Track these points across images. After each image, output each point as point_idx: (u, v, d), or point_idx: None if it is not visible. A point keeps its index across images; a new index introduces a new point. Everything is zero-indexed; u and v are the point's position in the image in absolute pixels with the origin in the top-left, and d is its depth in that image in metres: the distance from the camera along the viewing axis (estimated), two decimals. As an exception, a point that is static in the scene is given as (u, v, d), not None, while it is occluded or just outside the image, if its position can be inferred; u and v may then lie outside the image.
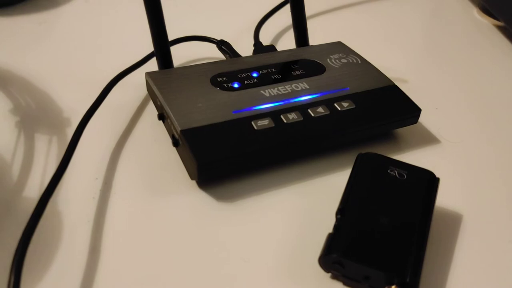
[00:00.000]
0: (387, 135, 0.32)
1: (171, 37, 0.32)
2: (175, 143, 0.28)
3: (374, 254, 0.21)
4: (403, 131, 0.32)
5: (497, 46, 0.45)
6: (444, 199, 0.27)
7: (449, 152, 0.31)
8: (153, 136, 0.30)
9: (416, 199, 0.23)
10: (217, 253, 0.24)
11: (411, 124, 0.31)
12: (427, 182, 0.24)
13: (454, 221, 0.26)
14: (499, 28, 0.48)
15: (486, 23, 0.49)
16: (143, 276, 0.22)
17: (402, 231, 0.22)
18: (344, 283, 0.23)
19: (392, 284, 0.20)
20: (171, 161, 0.29)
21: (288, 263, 0.23)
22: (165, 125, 0.30)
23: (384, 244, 0.21)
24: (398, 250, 0.21)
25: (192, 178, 0.27)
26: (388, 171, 0.25)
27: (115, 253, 0.23)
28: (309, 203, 0.27)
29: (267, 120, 0.28)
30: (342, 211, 0.23)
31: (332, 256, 0.21)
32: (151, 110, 0.33)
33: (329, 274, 0.23)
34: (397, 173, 0.25)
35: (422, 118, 0.33)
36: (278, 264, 0.23)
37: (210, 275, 0.23)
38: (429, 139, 0.32)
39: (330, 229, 0.23)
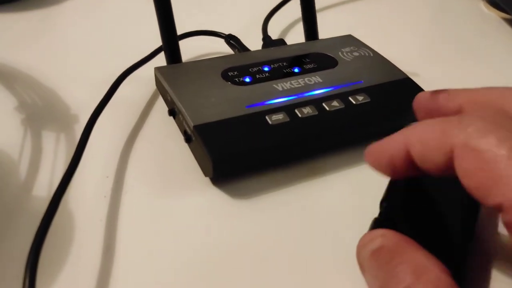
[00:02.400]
0: (401, 128, 0.31)
1: (178, 32, 0.32)
2: (188, 139, 0.27)
3: (420, 242, 0.20)
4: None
5: (506, 39, 0.44)
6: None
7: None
8: (164, 132, 0.30)
9: (459, 191, 0.23)
10: (234, 251, 0.23)
11: (426, 118, 0.31)
12: None
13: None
14: (507, 21, 0.47)
15: (493, 16, 0.48)
16: (158, 275, 0.22)
17: (448, 221, 0.22)
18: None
19: None
20: (183, 157, 0.28)
21: (306, 261, 0.23)
22: (176, 121, 0.29)
23: (430, 232, 0.21)
24: (444, 240, 0.21)
25: (206, 175, 0.26)
26: None
27: (129, 252, 0.23)
28: (326, 199, 0.26)
29: (282, 115, 0.27)
30: (388, 199, 0.22)
31: None
32: (161, 106, 0.32)
33: (348, 271, 0.22)
34: None
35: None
36: (296, 262, 0.23)
37: (226, 274, 0.22)
38: (444, 132, 0.31)
39: (350, 226, 0.23)
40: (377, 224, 0.21)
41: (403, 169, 0.19)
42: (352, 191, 0.26)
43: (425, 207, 0.22)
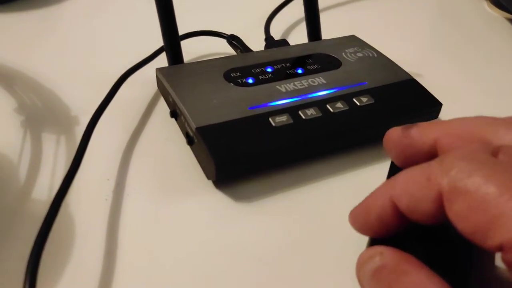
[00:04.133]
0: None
1: (180, 32, 0.31)
2: (190, 141, 0.27)
3: (417, 252, 0.20)
4: (422, 126, 0.31)
5: (509, 39, 0.44)
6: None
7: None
8: (165, 134, 0.29)
9: None
10: (236, 255, 0.23)
11: (431, 119, 0.30)
12: None
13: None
14: (511, 20, 0.47)
15: (497, 16, 0.48)
16: (160, 279, 0.21)
17: (444, 228, 0.21)
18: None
19: None
20: (185, 160, 0.27)
21: (309, 264, 0.22)
22: (178, 122, 0.29)
23: (426, 240, 0.20)
24: (442, 247, 0.20)
25: (208, 178, 0.26)
26: None
27: (130, 256, 0.22)
28: (330, 202, 0.26)
29: (285, 116, 0.27)
30: None
31: None
32: (162, 107, 0.32)
33: (349, 276, 0.22)
34: None
35: (441, 113, 0.32)
36: (299, 264, 0.22)
37: (228, 277, 0.22)
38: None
39: (353, 230, 0.22)
40: (374, 240, 0.21)
41: (395, 225, 0.19)
42: (356, 194, 0.26)
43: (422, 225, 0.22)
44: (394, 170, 0.23)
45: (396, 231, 0.19)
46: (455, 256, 0.20)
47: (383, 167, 0.25)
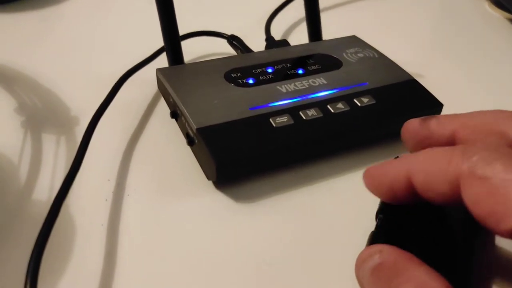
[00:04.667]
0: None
1: (180, 32, 0.31)
2: (190, 142, 0.27)
3: (418, 254, 0.20)
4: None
5: (510, 39, 0.44)
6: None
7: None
8: (165, 135, 0.29)
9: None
10: (237, 256, 0.23)
11: (432, 120, 0.30)
12: None
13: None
14: (512, 21, 0.47)
15: (498, 16, 0.48)
16: (160, 280, 0.21)
17: (447, 229, 0.21)
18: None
19: None
20: (185, 160, 0.27)
21: (310, 265, 0.22)
22: (178, 123, 0.29)
23: (428, 243, 0.20)
24: (444, 249, 0.20)
25: (209, 179, 0.26)
26: None
27: (130, 257, 0.22)
28: (331, 202, 0.26)
29: (286, 117, 0.27)
30: (384, 210, 0.22)
31: None
32: (163, 108, 0.31)
33: (350, 276, 0.22)
34: None
35: (442, 114, 0.32)
36: (300, 265, 0.22)
37: (229, 278, 0.22)
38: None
39: (354, 230, 0.22)
40: (374, 237, 0.21)
41: (403, 196, 0.19)
42: (357, 195, 0.26)
43: (423, 218, 0.21)
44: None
45: (402, 202, 0.20)
46: (456, 253, 0.21)
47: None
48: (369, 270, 0.18)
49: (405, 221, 0.21)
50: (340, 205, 0.25)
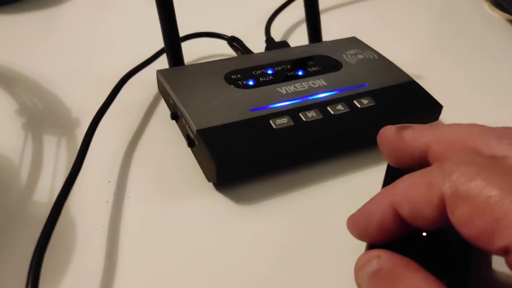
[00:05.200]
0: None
1: (180, 33, 0.31)
2: (191, 143, 0.27)
3: (415, 255, 0.20)
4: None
5: (510, 41, 0.44)
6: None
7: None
8: (166, 136, 0.29)
9: None
10: (237, 257, 0.23)
11: (432, 121, 0.30)
12: None
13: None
14: (511, 22, 0.47)
15: (497, 17, 0.48)
16: (161, 282, 0.21)
17: (449, 231, 0.21)
18: None
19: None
20: (186, 162, 0.27)
21: (310, 266, 0.22)
22: (178, 124, 0.29)
23: (424, 244, 0.20)
24: (438, 248, 0.20)
25: (209, 180, 0.26)
26: None
27: (131, 259, 0.22)
28: (331, 204, 0.26)
29: (286, 119, 0.27)
30: None
31: None
32: (163, 109, 0.32)
33: (349, 275, 0.22)
34: None
35: (442, 115, 0.32)
36: (300, 266, 0.22)
37: (229, 279, 0.22)
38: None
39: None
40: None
41: (396, 231, 0.19)
42: (357, 196, 0.26)
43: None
44: (390, 172, 0.23)
45: (396, 237, 0.19)
46: (453, 259, 0.20)
47: (384, 169, 0.25)
48: (367, 276, 0.18)
49: None
50: (340, 207, 0.25)
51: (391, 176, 0.23)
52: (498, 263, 0.22)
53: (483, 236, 0.15)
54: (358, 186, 0.27)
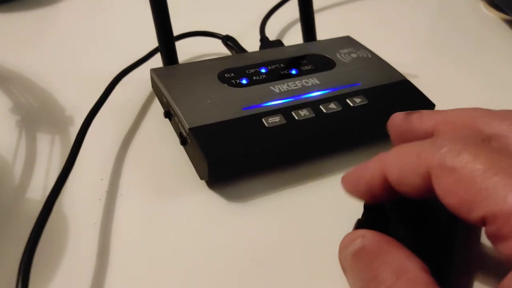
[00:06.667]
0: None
1: (174, 32, 0.31)
2: (183, 141, 0.27)
3: (403, 240, 0.20)
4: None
5: (506, 40, 0.44)
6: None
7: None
8: (159, 135, 0.29)
9: None
10: (229, 255, 0.23)
11: (424, 120, 0.30)
12: None
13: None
14: (507, 22, 0.47)
15: (493, 17, 0.48)
16: (153, 279, 0.22)
17: (432, 219, 0.22)
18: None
19: None
20: (178, 160, 0.28)
21: (301, 263, 0.22)
22: (171, 123, 0.29)
23: (414, 230, 0.21)
24: (429, 235, 0.21)
25: (201, 178, 0.26)
26: None
27: (123, 256, 0.23)
28: (322, 202, 0.26)
29: (278, 117, 0.27)
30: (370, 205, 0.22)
31: None
32: (157, 108, 0.32)
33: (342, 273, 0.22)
34: None
35: (435, 114, 0.32)
36: (292, 264, 0.22)
37: (221, 277, 0.22)
38: (442, 135, 0.31)
39: (345, 229, 0.22)
40: (360, 225, 0.22)
41: (381, 194, 0.20)
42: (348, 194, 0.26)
43: (409, 208, 0.22)
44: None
45: (382, 200, 0.20)
46: (438, 242, 0.21)
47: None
48: (350, 254, 0.19)
49: (392, 210, 0.22)
50: (332, 204, 0.26)
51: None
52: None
53: (464, 206, 0.16)
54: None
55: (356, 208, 0.24)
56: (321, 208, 0.25)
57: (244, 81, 0.30)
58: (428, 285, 0.17)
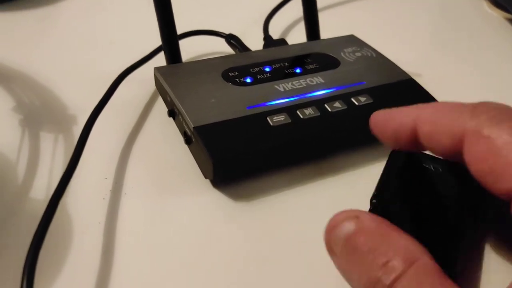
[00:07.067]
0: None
1: (178, 31, 0.31)
2: (188, 140, 0.27)
3: (410, 234, 0.20)
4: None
5: (509, 39, 0.44)
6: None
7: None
8: (163, 134, 0.29)
9: (452, 190, 0.23)
10: (234, 254, 0.23)
11: (429, 119, 0.30)
12: (464, 175, 0.24)
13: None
14: (510, 21, 0.47)
15: (496, 16, 0.48)
16: (157, 279, 0.21)
17: (439, 217, 0.21)
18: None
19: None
20: (183, 159, 0.27)
21: (307, 263, 0.22)
22: (176, 122, 0.29)
23: (421, 227, 0.21)
24: (435, 233, 0.21)
25: (206, 177, 0.26)
26: (424, 164, 0.24)
27: (127, 256, 0.22)
28: (328, 201, 0.26)
29: (283, 116, 0.27)
30: (378, 196, 0.22)
31: None
32: (160, 107, 0.31)
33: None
34: (432, 167, 0.24)
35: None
36: (298, 264, 0.22)
37: (226, 277, 0.22)
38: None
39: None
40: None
41: (406, 143, 0.20)
42: (355, 194, 0.26)
43: (416, 204, 0.22)
44: (394, 158, 0.24)
45: (402, 147, 0.20)
46: (445, 234, 0.21)
47: (382, 166, 0.25)
48: (343, 236, 0.18)
49: (398, 206, 0.22)
50: (338, 204, 0.25)
51: (394, 159, 0.24)
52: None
53: (491, 175, 0.16)
54: (356, 183, 0.27)
55: (363, 207, 0.24)
56: (327, 208, 0.25)
57: (248, 80, 0.29)
58: (440, 274, 0.16)
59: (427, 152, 0.24)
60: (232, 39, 0.36)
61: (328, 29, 0.37)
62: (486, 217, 0.23)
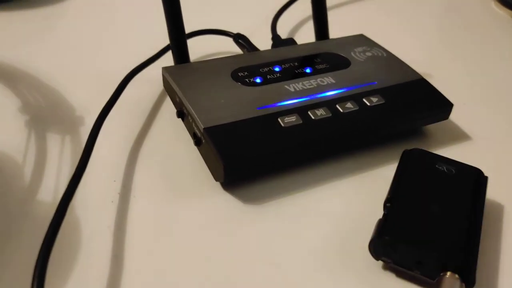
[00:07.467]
0: (415, 131, 0.30)
1: (186, 30, 0.31)
2: (197, 142, 0.26)
3: (427, 237, 0.20)
4: (432, 126, 0.31)
5: (519, 38, 0.43)
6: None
7: (481, 148, 0.30)
8: (172, 135, 0.29)
9: (466, 192, 0.23)
10: (245, 257, 0.22)
11: (442, 120, 0.30)
12: (476, 178, 0.24)
13: (497, 216, 0.25)
14: (519, 20, 0.46)
15: (504, 15, 0.48)
16: (167, 282, 0.21)
17: (455, 219, 0.21)
18: (396, 275, 0.21)
19: (447, 270, 0.19)
20: (192, 161, 0.27)
21: (318, 266, 0.22)
22: (184, 123, 0.28)
23: (437, 229, 0.21)
24: (452, 235, 0.21)
25: (216, 179, 0.25)
26: (436, 166, 0.24)
27: (137, 260, 0.22)
28: (339, 204, 0.25)
29: (294, 117, 0.26)
30: (392, 200, 0.22)
31: (384, 239, 0.20)
32: (169, 107, 0.31)
33: (360, 278, 0.21)
34: (446, 168, 0.24)
35: (452, 114, 0.31)
36: (308, 268, 0.22)
37: (236, 280, 0.21)
38: (459, 135, 0.30)
39: (367, 231, 0.22)
40: (381, 225, 0.21)
41: None
42: (367, 195, 0.25)
43: (429, 208, 0.22)
44: (406, 159, 0.24)
45: None
46: (463, 233, 0.21)
47: (394, 167, 0.25)
48: None
49: (411, 209, 0.22)
50: (350, 206, 0.25)
51: (406, 160, 0.24)
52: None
53: None
54: (369, 185, 0.26)
55: (376, 209, 0.23)
56: (340, 211, 0.25)
57: (258, 80, 0.29)
58: None
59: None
60: (240, 39, 0.35)
61: (336, 28, 0.37)
62: None
